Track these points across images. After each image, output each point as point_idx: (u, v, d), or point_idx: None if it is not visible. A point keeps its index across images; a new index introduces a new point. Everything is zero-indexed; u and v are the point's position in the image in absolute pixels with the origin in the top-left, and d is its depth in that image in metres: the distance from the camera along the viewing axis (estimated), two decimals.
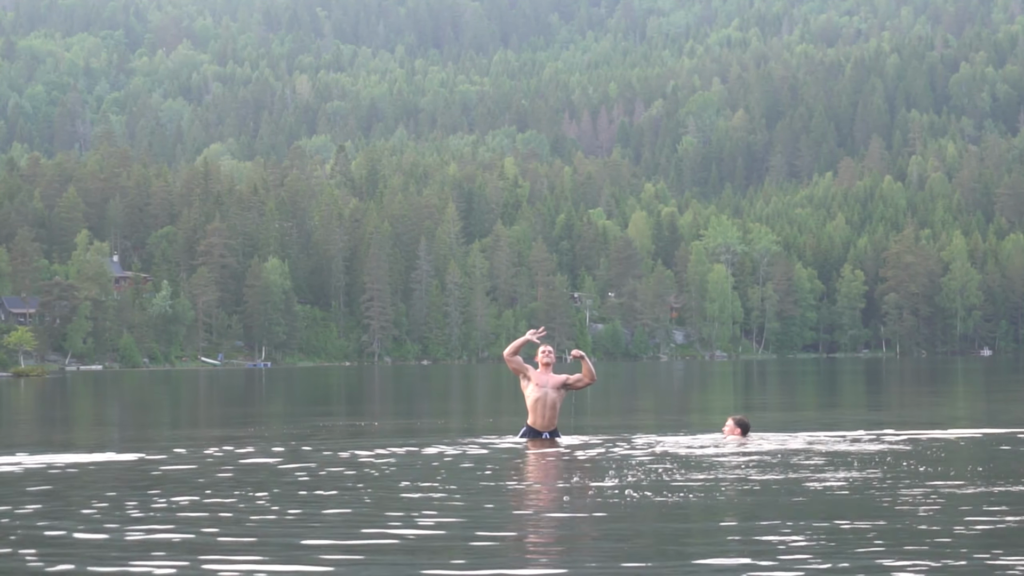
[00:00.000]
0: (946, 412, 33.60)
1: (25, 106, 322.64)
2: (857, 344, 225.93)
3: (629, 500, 14.08)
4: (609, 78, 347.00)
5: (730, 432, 22.07)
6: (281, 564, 10.60)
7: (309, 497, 14.73)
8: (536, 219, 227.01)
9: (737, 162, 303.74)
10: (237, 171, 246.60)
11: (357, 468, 17.95)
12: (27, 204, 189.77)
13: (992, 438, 22.37)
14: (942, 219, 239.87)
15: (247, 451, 21.05)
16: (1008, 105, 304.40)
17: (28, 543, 11.69)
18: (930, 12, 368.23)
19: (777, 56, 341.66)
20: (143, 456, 20.35)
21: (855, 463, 17.68)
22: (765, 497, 14.31)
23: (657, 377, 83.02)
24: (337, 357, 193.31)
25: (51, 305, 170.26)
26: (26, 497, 15.06)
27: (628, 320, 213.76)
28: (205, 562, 10.65)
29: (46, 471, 18.17)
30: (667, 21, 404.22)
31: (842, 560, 10.45)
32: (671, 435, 23.28)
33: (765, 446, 20.53)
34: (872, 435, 22.69)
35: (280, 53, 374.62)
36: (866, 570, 10.08)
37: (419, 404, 44.61)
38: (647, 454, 19.40)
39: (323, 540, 11.70)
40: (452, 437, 23.75)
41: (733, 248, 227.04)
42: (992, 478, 15.96)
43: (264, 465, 18.60)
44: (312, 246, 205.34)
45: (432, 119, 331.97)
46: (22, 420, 37.59)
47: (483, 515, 13.28)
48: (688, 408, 38.15)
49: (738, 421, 22.26)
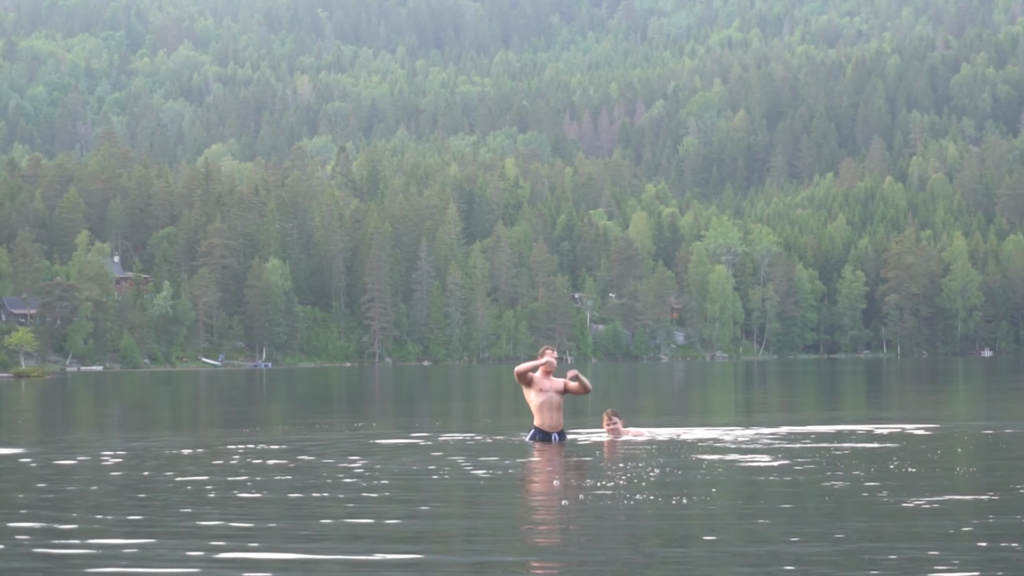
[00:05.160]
0: (947, 411, 33.62)
1: (26, 107, 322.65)
2: (858, 345, 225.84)
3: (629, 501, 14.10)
4: (610, 79, 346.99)
5: (611, 428, 22.55)
6: (281, 563, 10.61)
7: (310, 496, 14.74)
8: (537, 220, 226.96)
9: (738, 163, 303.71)
10: (238, 172, 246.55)
11: (359, 467, 17.96)
12: (28, 205, 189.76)
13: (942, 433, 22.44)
14: (943, 220, 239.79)
15: (245, 452, 21.05)
16: (1009, 106, 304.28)
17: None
18: (931, 13, 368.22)
19: (778, 57, 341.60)
20: (130, 456, 20.36)
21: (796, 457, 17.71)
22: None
23: (658, 378, 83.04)
24: (338, 358, 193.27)
25: (52, 306, 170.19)
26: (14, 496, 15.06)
27: (629, 321, 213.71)
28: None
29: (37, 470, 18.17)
30: (668, 22, 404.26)
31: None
32: (670, 434, 23.31)
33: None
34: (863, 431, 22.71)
35: (281, 54, 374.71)
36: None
37: (419, 404, 44.61)
38: (647, 454, 19.43)
39: (323, 540, 11.71)
40: (457, 436, 23.77)
41: (734, 249, 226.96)
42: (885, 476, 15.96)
43: (262, 466, 18.60)
44: (313, 247, 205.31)
45: (433, 120, 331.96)
46: (21, 420, 37.62)
47: (490, 517, 13.29)
48: (688, 409, 38.16)
49: (614, 413, 22.87)
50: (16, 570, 10.48)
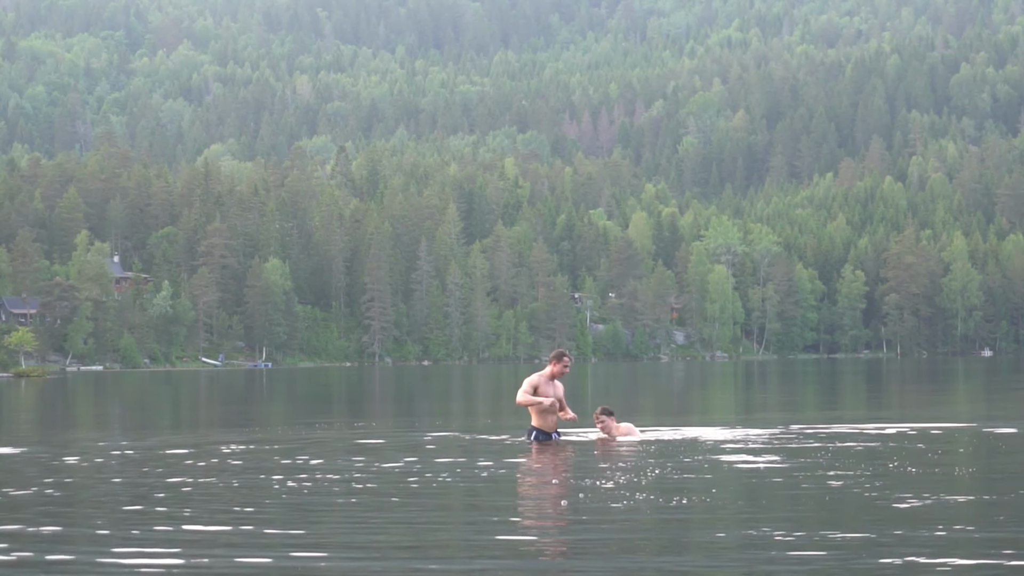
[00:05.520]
0: (947, 411, 33.63)
1: (26, 107, 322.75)
2: (858, 345, 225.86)
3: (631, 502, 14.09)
4: (609, 79, 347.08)
5: (602, 426, 22.59)
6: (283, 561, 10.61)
7: (309, 496, 14.73)
8: (537, 220, 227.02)
9: (737, 163, 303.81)
10: (238, 172, 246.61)
11: (361, 466, 17.95)
12: (28, 205, 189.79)
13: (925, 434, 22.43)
14: (943, 220, 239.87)
15: (241, 452, 21.04)
16: (1008, 106, 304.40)
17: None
18: (931, 13, 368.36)
19: (777, 57, 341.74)
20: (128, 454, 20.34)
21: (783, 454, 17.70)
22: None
23: (657, 378, 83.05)
24: (338, 358, 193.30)
25: (52, 306, 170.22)
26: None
27: (629, 321, 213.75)
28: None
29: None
30: (667, 22, 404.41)
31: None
32: (670, 433, 23.32)
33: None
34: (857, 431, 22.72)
35: (280, 54, 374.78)
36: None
37: (420, 404, 44.62)
38: (646, 453, 19.44)
39: (323, 540, 11.70)
40: (457, 435, 23.78)
41: (734, 249, 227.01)
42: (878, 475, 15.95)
43: (260, 466, 18.60)
44: (313, 247, 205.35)
45: (433, 120, 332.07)
46: (19, 420, 37.63)
47: (492, 516, 13.28)
48: (688, 408, 38.17)
49: (603, 410, 22.80)
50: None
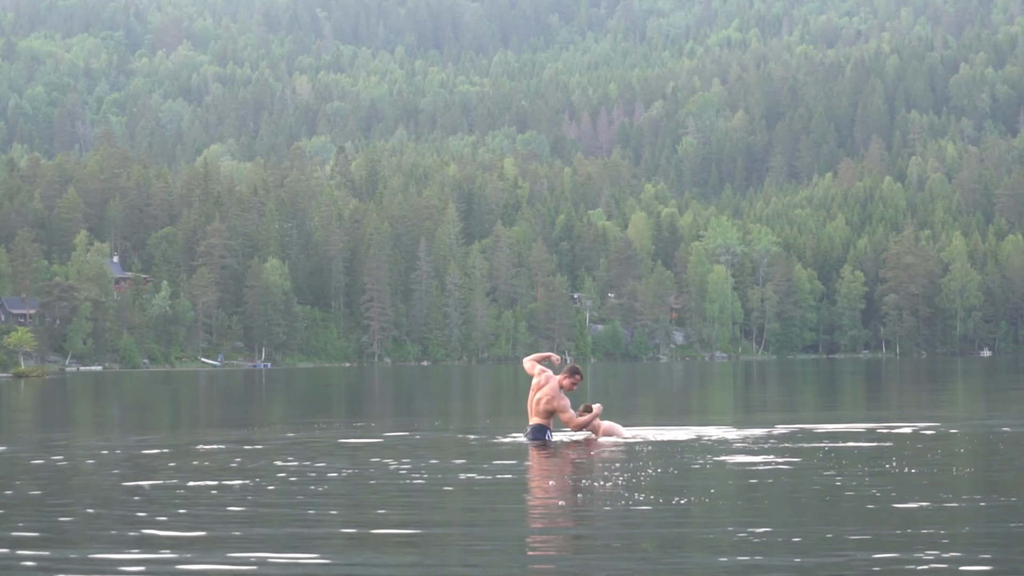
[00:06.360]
0: (946, 411, 33.63)
1: (25, 107, 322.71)
2: (857, 345, 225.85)
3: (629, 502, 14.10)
4: (609, 79, 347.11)
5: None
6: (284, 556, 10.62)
7: (309, 497, 14.73)
8: (536, 220, 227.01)
9: (737, 163, 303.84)
10: (237, 172, 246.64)
11: (362, 465, 17.97)
12: (27, 205, 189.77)
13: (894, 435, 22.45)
14: (942, 220, 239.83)
15: (239, 453, 21.05)
16: (1008, 106, 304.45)
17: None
18: (930, 13, 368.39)
19: (777, 57, 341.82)
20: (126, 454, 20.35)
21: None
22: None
23: (656, 378, 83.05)
24: (337, 358, 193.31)
25: (51, 306, 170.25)
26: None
27: (628, 321, 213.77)
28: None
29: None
30: (667, 22, 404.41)
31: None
32: (670, 433, 23.33)
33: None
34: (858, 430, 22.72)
35: (280, 54, 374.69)
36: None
37: (419, 404, 44.63)
38: (646, 452, 19.44)
39: (323, 539, 11.70)
40: (457, 435, 23.80)
41: (733, 249, 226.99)
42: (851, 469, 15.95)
43: (262, 466, 18.60)
44: (312, 247, 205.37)
45: (432, 120, 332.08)
46: (19, 420, 37.63)
47: (493, 513, 13.29)
48: (687, 408, 38.16)
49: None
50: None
